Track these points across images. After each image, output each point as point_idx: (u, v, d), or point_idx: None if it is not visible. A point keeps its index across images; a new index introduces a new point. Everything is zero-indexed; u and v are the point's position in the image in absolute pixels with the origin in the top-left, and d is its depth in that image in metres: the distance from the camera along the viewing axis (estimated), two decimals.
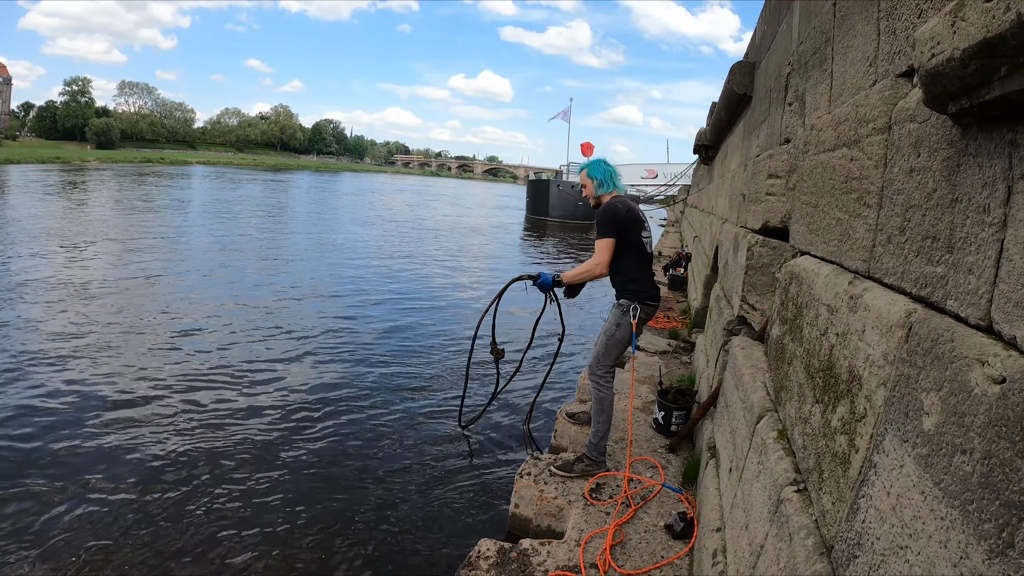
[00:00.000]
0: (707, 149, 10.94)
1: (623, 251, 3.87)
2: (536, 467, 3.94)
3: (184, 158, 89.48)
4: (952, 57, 1.00)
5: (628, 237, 3.86)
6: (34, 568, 3.44)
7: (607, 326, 3.91)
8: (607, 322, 3.93)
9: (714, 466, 3.25)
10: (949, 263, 1.23)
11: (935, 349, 1.16)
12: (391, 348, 8.08)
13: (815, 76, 2.79)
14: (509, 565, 2.99)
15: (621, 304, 3.87)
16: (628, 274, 3.91)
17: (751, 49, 6.27)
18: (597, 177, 4.06)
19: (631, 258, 3.91)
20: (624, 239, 3.84)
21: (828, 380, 1.76)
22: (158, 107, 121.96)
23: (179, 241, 15.97)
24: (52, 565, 3.48)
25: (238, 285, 11.33)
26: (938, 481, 1.03)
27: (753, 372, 2.86)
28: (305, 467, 4.79)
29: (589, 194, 4.11)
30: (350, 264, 14.71)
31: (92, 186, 34.84)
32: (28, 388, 5.86)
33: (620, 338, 3.86)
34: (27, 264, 11.61)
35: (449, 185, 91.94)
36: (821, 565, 1.43)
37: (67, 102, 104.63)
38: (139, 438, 5.02)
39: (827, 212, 2.24)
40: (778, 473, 1.93)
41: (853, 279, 1.81)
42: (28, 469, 4.46)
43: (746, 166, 5.20)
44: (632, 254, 3.91)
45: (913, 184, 1.44)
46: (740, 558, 2.11)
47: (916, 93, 1.46)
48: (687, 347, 6.90)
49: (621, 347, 3.92)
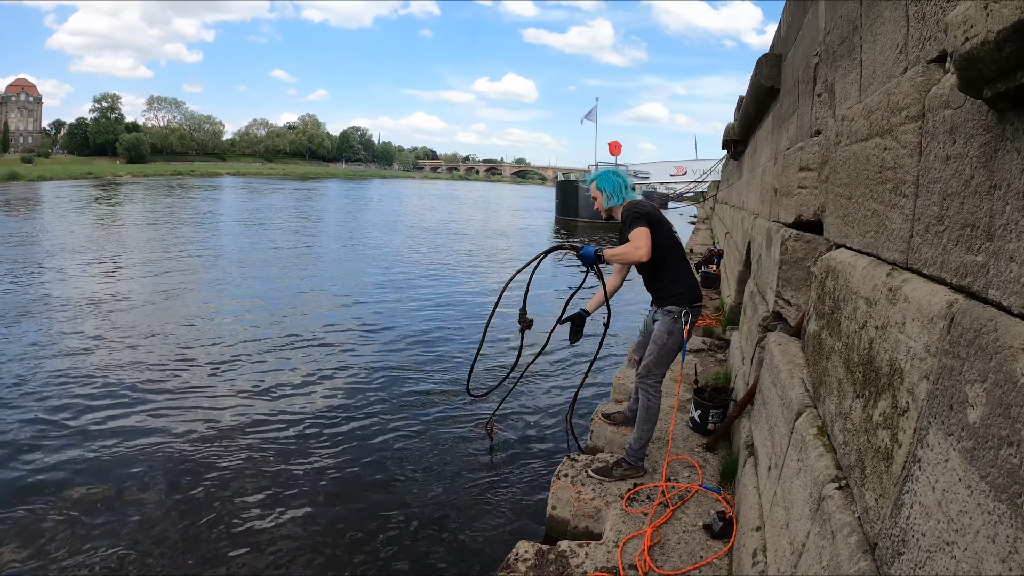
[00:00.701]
0: (736, 144, 10.81)
1: (659, 254, 3.72)
2: (573, 468, 3.93)
3: (214, 170, 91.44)
4: (986, 40, 0.98)
5: (659, 235, 3.73)
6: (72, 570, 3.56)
7: (658, 335, 3.81)
8: (657, 330, 3.82)
9: (752, 464, 3.21)
10: (990, 251, 1.20)
11: (978, 340, 1.13)
12: (422, 353, 8.15)
13: (844, 66, 2.75)
14: (547, 567, 2.98)
15: (671, 311, 3.77)
16: (669, 276, 3.83)
17: (776, 41, 6.19)
18: (606, 189, 3.96)
19: (668, 260, 3.82)
20: (657, 238, 3.68)
21: (868, 374, 1.73)
22: (186, 120, 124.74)
23: (210, 252, 16.33)
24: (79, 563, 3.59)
25: (269, 294, 11.54)
26: (985, 475, 1.01)
27: (790, 368, 2.81)
28: (337, 471, 4.86)
29: (600, 207, 4.02)
30: (381, 270, 14.87)
31: (125, 200, 35.90)
32: (66, 393, 6.04)
33: (672, 346, 3.80)
34: (64, 276, 11.99)
35: (477, 188, 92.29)
36: (865, 563, 1.41)
37: (97, 118, 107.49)
38: (169, 443, 5.16)
39: (862, 203, 2.20)
40: (819, 470, 1.90)
41: (891, 271, 1.77)
42: (63, 474, 4.61)
43: (776, 159, 5.13)
44: (668, 255, 3.81)
45: (950, 172, 1.41)
46: (781, 557, 2.08)
47: (949, 79, 1.43)
48: (722, 344, 6.82)
49: (672, 355, 3.86)
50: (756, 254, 5.55)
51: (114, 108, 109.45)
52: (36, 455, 4.92)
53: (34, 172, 59.74)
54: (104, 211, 29.11)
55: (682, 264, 3.92)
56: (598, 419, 4.77)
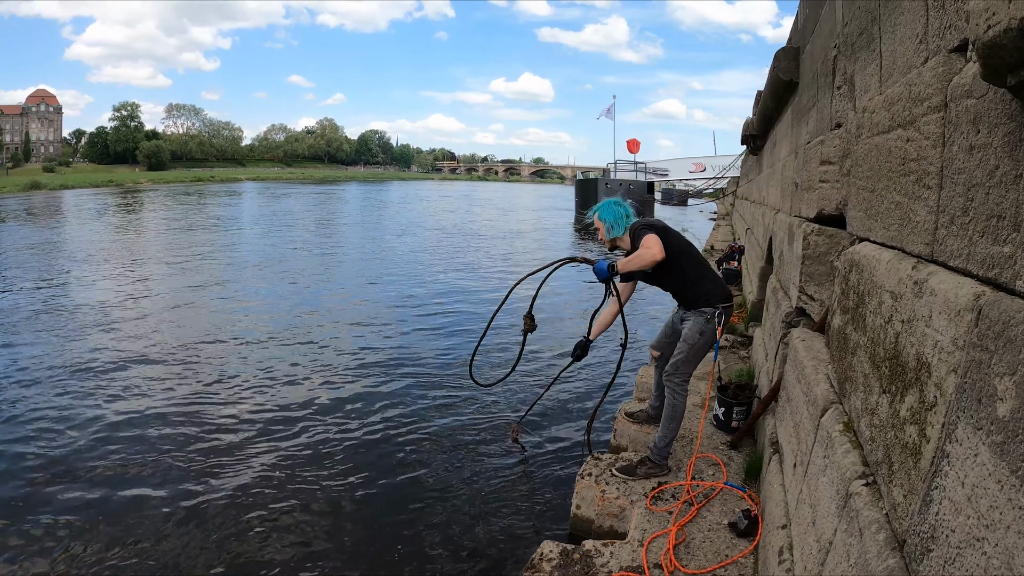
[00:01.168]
0: (755, 139, 10.71)
1: (675, 260, 3.76)
2: (597, 467, 3.93)
3: (234, 175, 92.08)
4: (1009, 28, 0.97)
5: (671, 241, 3.77)
6: None
7: (689, 334, 3.80)
8: (689, 330, 3.82)
9: (777, 461, 3.18)
10: (1017, 242, 1.18)
11: (1007, 332, 1.11)
12: (442, 355, 8.17)
13: (863, 57, 2.71)
14: (572, 566, 2.98)
15: (704, 312, 3.78)
16: (691, 278, 3.84)
17: (794, 34, 6.13)
18: (608, 220, 3.98)
19: (685, 263, 3.84)
20: (668, 245, 3.71)
21: (895, 369, 1.71)
22: (205, 127, 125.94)
23: (230, 257, 16.46)
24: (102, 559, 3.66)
25: (291, 297, 11.64)
26: (1015, 469, 0.99)
27: (815, 364, 2.78)
28: (358, 472, 4.89)
29: (603, 238, 4.03)
30: (400, 273, 14.93)
31: (147, 207, 36.43)
32: (94, 397, 6.15)
33: (703, 345, 3.80)
34: (87, 282, 12.25)
35: (497, 189, 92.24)
36: (894, 560, 1.39)
37: (117, 127, 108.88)
38: (190, 447, 5.23)
39: (885, 196, 2.18)
40: (845, 467, 1.88)
41: (916, 264, 1.75)
42: (85, 473, 4.70)
43: (796, 154, 5.07)
44: (683, 259, 3.83)
45: (974, 162, 1.39)
46: (808, 555, 2.07)
47: (971, 68, 1.41)
48: (744, 341, 6.76)
49: (702, 354, 3.85)
50: (778, 249, 5.50)
51: (134, 116, 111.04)
52: (52, 453, 5.03)
53: (56, 181, 60.83)
54: (126, 218, 29.62)
55: (701, 265, 3.93)
56: (621, 417, 4.76)
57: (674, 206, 51.86)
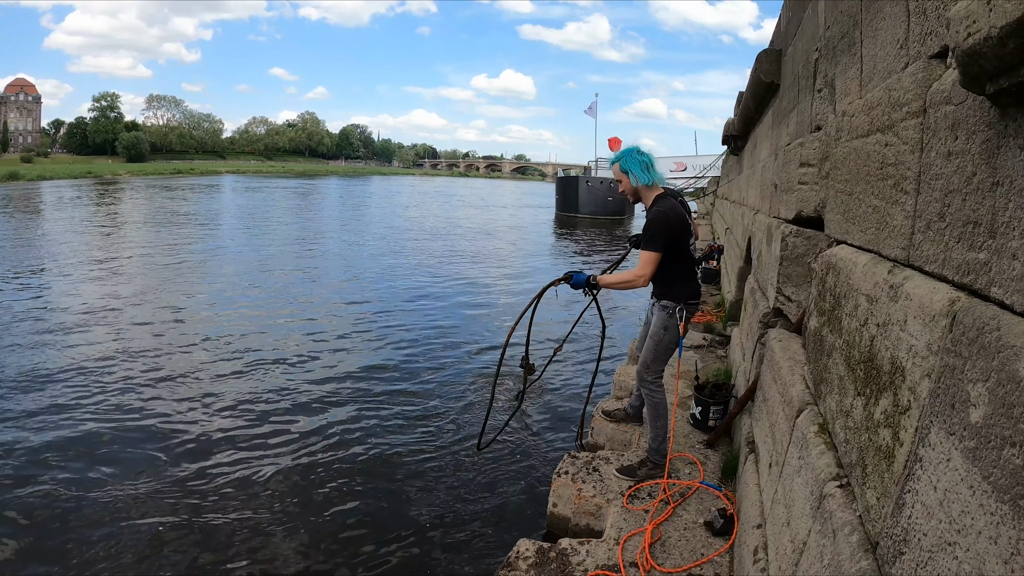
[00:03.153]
0: (736, 139, 10.78)
1: (669, 260, 3.64)
2: (574, 466, 3.93)
3: (214, 168, 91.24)
4: (989, 36, 0.97)
5: (676, 248, 3.65)
6: None
7: (654, 331, 3.78)
8: (653, 326, 3.80)
9: (753, 461, 3.20)
10: (992, 249, 1.19)
11: (981, 338, 1.12)
12: (419, 355, 8.13)
13: (844, 61, 2.73)
14: (548, 565, 2.98)
15: (666, 306, 3.72)
16: (670, 276, 3.75)
17: (776, 36, 6.16)
18: (632, 170, 3.71)
19: (676, 265, 3.72)
20: (672, 251, 3.62)
21: (870, 372, 1.72)
22: (186, 119, 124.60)
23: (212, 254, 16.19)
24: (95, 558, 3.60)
25: (272, 295, 11.53)
26: (987, 475, 1.00)
27: (791, 365, 2.80)
28: (335, 470, 4.89)
29: (626, 189, 3.79)
30: (380, 270, 14.85)
31: (125, 199, 35.82)
32: (70, 392, 6.04)
33: (669, 342, 3.75)
34: (65, 277, 12.00)
35: (477, 185, 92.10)
36: (866, 562, 1.40)
37: (97, 118, 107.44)
38: (174, 447, 5.15)
39: (863, 200, 2.19)
40: (820, 468, 1.89)
41: (892, 268, 1.76)
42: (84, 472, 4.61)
43: (777, 155, 5.11)
44: (677, 262, 3.71)
45: (951, 168, 1.40)
46: (782, 555, 2.08)
47: (951, 74, 1.42)
48: (722, 341, 6.81)
49: (670, 351, 3.80)
50: (756, 250, 5.54)
51: (113, 107, 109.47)
52: (44, 452, 4.93)
53: (34, 171, 59.83)
54: (104, 211, 29.09)
55: (686, 263, 3.80)
56: (599, 416, 4.76)
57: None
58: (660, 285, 3.81)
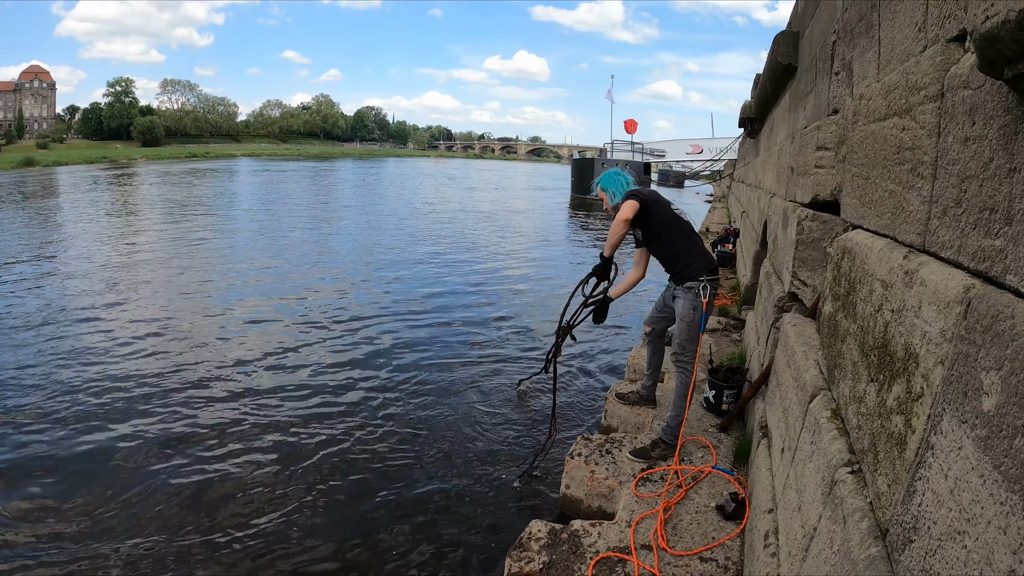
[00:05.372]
0: (752, 122, 10.66)
1: (661, 232, 3.92)
2: (587, 448, 3.95)
3: (229, 151, 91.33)
4: (1007, 19, 0.95)
5: (655, 211, 3.89)
6: None
7: (683, 312, 3.85)
8: (683, 308, 3.86)
9: (766, 446, 3.20)
10: (1008, 236, 1.18)
11: (995, 326, 1.11)
12: (435, 337, 8.17)
13: (862, 43, 2.68)
14: (560, 546, 3.01)
15: (691, 287, 3.83)
16: (676, 250, 3.90)
17: (794, 18, 6.07)
18: (610, 188, 4.13)
19: (671, 235, 3.92)
20: (651, 213, 3.86)
21: (883, 358, 1.71)
22: (200, 103, 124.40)
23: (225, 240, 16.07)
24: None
25: (289, 280, 11.60)
26: (998, 464, 1.00)
27: (805, 350, 2.79)
28: (351, 452, 4.92)
29: (607, 207, 4.17)
30: (399, 254, 14.87)
31: (142, 183, 36.04)
32: (81, 385, 6.15)
33: (698, 320, 3.84)
34: (84, 262, 12.15)
35: (494, 167, 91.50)
36: (876, 549, 1.40)
37: (111, 103, 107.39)
38: (160, 429, 5.23)
39: (879, 184, 2.17)
40: (832, 454, 1.89)
41: (908, 253, 1.74)
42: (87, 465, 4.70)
43: (793, 138, 5.05)
44: (668, 231, 3.93)
45: (968, 154, 1.38)
46: (792, 540, 2.09)
47: (969, 58, 1.39)
48: (737, 324, 6.78)
49: (699, 328, 3.90)
50: (772, 234, 5.49)
51: (128, 92, 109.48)
52: (46, 444, 5.03)
53: (50, 157, 60.36)
54: (120, 195, 29.32)
55: (689, 238, 3.98)
56: (612, 399, 4.77)
57: (670, 187, 51.75)
58: (674, 264, 3.93)
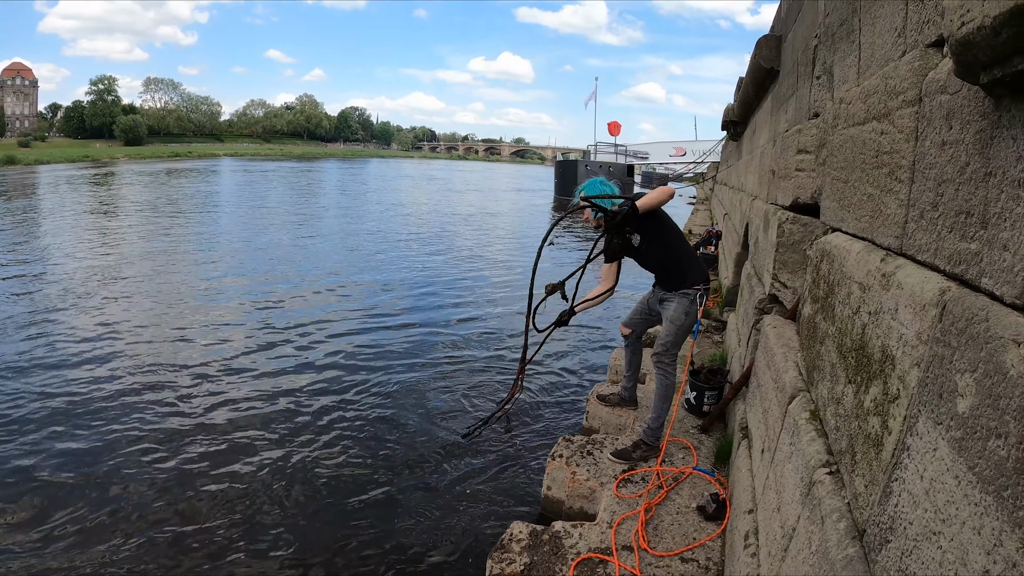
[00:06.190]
0: (735, 125, 10.74)
1: (667, 236, 3.90)
2: (568, 449, 3.95)
3: (212, 151, 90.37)
4: (983, 25, 0.96)
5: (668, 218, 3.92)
6: None
7: (675, 315, 3.85)
8: (674, 311, 3.85)
9: (746, 447, 3.22)
10: (983, 239, 1.19)
11: (969, 329, 1.12)
12: (414, 342, 8.13)
13: (843, 48, 2.71)
14: (541, 547, 3.01)
15: (687, 294, 3.84)
16: (675, 256, 3.91)
17: (776, 22, 6.13)
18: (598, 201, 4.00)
19: (676, 243, 3.93)
20: (666, 220, 3.90)
21: (861, 360, 1.73)
22: (184, 102, 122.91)
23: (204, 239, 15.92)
24: None
25: (271, 283, 11.50)
26: (972, 466, 1.01)
27: (785, 351, 2.81)
28: (331, 456, 4.87)
29: (587, 218, 3.99)
30: (380, 256, 14.82)
31: (123, 183, 35.50)
32: (69, 387, 6.05)
33: (688, 326, 3.88)
34: (66, 262, 11.98)
35: (477, 168, 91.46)
36: (853, 549, 1.41)
37: (94, 101, 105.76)
38: (149, 434, 5.17)
39: (858, 187, 2.19)
40: (810, 455, 1.90)
41: (885, 256, 1.76)
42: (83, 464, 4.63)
43: (775, 142, 5.09)
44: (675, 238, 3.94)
45: (945, 158, 1.39)
46: (772, 540, 2.10)
47: (946, 63, 1.41)
48: (718, 326, 6.82)
49: (686, 334, 3.94)
50: (753, 236, 5.53)
51: (110, 91, 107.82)
52: (39, 445, 4.94)
53: (31, 156, 59.40)
54: (101, 195, 28.87)
55: (685, 247, 4.01)
56: (594, 400, 4.78)
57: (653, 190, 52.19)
58: (674, 273, 3.92)
